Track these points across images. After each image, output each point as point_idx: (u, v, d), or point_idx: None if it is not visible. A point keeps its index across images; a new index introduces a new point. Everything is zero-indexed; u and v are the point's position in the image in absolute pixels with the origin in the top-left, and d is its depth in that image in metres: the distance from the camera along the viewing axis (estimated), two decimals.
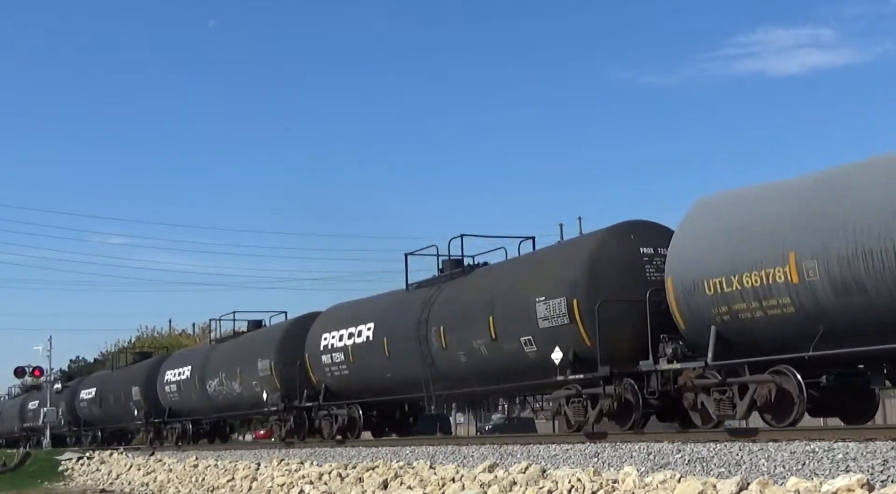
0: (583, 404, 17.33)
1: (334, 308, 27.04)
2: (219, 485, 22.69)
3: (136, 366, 41.91)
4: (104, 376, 46.88)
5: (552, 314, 17.47)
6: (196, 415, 34.94)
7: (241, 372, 29.63)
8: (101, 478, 31.21)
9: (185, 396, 34.28)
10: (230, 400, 30.97)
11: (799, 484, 10.15)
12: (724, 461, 12.29)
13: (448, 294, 21.14)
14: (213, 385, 31.63)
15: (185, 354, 37.71)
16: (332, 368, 24.94)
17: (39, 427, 50.91)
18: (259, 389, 28.36)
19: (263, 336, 30.32)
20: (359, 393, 24.50)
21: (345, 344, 24.32)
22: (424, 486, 15.63)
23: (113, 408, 41.61)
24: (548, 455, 15.40)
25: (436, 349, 20.73)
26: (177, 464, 27.74)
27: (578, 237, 18.50)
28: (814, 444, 11.87)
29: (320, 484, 18.59)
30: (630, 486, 12.08)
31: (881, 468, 10.34)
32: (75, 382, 51.53)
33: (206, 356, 33.49)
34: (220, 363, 31.67)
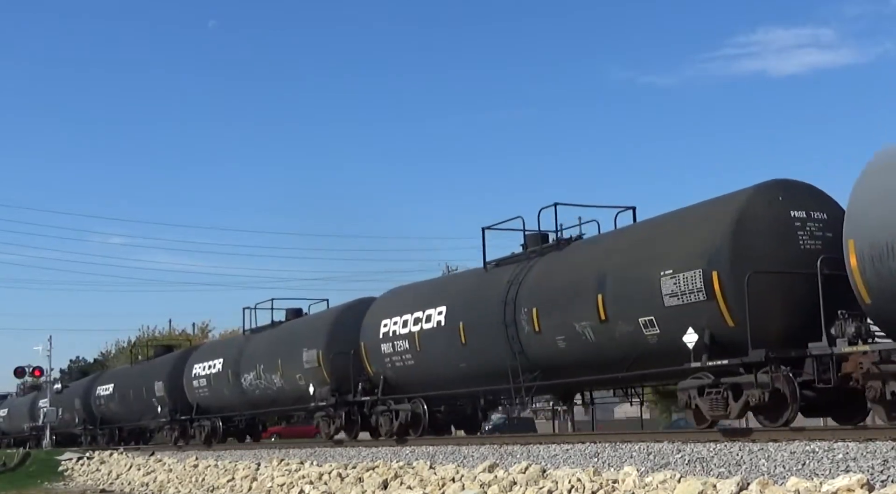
0: (723, 395, 14.71)
1: (395, 291, 24.58)
2: (219, 485, 22.69)
3: (158, 360, 38.75)
4: (123, 371, 44.00)
5: (683, 289, 15.06)
6: (228, 412, 32.07)
7: (282, 365, 26.97)
8: (101, 478, 31.20)
9: (216, 391, 31.64)
10: (269, 395, 28.35)
11: (799, 484, 10.16)
12: (724, 461, 12.30)
13: (541, 271, 18.62)
14: (249, 378, 29.05)
15: (216, 346, 35.11)
16: (393, 358, 22.37)
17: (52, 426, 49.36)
18: (304, 382, 25.77)
19: (309, 324, 27.49)
20: (425, 385, 21.84)
21: (410, 330, 21.72)
22: (424, 486, 15.63)
23: (133, 405, 38.80)
24: (548, 455, 15.41)
25: (526, 334, 18.30)
26: (177, 464, 27.74)
27: (715, 199, 15.78)
28: (814, 444, 11.87)
29: (320, 484, 18.59)
30: (630, 486, 12.09)
31: (881, 468, 10.35)
32: (91, 378, 48.72)
33: (240, 347, 30.68)
34: (257, 355, 28.95)
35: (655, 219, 17.41)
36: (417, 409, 21.92)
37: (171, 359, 36.64)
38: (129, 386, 39.46)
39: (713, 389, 14.81)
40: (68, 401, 47.01)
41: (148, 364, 39.89)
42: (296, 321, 29.20)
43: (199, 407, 33.18)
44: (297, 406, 27.58)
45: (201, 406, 33.11)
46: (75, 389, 47.86)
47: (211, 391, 31.91)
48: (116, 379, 42.40)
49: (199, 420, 33.40)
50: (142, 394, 37.42)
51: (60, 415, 47.97)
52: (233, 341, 32.80)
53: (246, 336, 31.21)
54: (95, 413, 43.64)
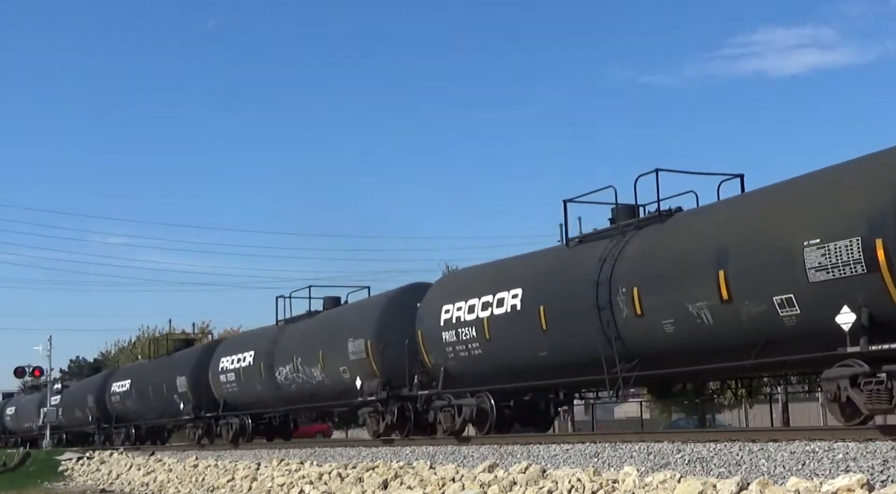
0: (886, 386, 12.63)
1: (456, 274, 22.78)
2: (219, 485, 22.68)
3: (180, 355, 36.29)
4: (140, 366, 41.56)
5: (835, 261, 12.84)
6: (258, 408, 29.79)
7: (323, 357, 24.85)
8: (101, 478, 31.21)
9: (247, 386, 29.44)
10: (307, 390, 26.22)
11: (799, 484, 10.15)
12: (724, 461, 12.30)
13: (642, 246, 16.46)
14: (284, 372, 26.91)
15: (246, 338, 32.43)
16: (456, 347, 20.05)
17: (61, 425, 47.80)
18: (349, 376, 23.71)
19: (355, 312, 25.29)
20: (494, 377, 19.65)
21: (477, 316, 19.51)
22: (424, 486, 15.63)
23: (153, 402, 36.69)
24: (548, 455, 15.41)
25: (625, 317, 16.14)
26: (177, 464, 27.74)
27: (875, 154, 13.55)
28: (814, 444, 11.87)
29: (320, 484, 18.59)
30: (630, 486, 12.09)
31: (881, 468, 10.34)
32: (104, 374, 46.15)
33: (273, 339, 28.43)
34: (293, 346, 26.79)
35: (792, 180, 14.90)
36: (483, 404, 19.72)
37: (195, 353, 34.64)
38: (147, 383, 37.39)
39: (871, 378, 12.72)
40: (80, 399, 45.15)
41: (168, 359, 37.43)
42: (338, 309, 27.13)
43: (227, 403, 31.14)
44: (340, 401, 25.36)
45: (229, 402, 31.07)
46: (88, 386, 45.79)
47: (240, 386, 29.93)
48: (133, 374, 40.26)
49: (226, 418, 31.29)
50: (162, 391, 35.41)
51: (60, 415, 47.25)
52: (265, 332, 30.23)
53: (280, 326, 28.83)
54: (110, 411, 41.60)
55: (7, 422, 58.94)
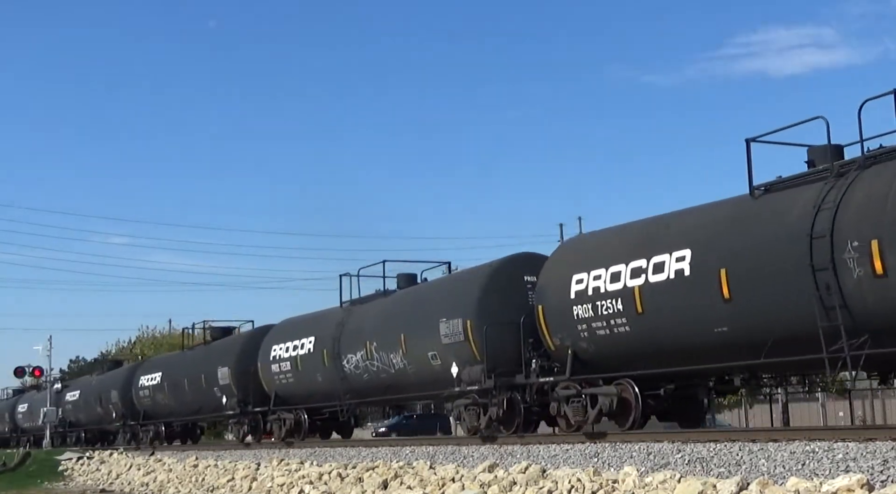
0: None
1: (582, 238, 19.44)
2: (219, 485, 22.68)
3: (220, 343, 32.73)
4: (172, 358, 37.57)
5: None
6: (318, 402, 26.29)
7: (406, 341, 21.62)
8: (101, 478, 31.20)
9: (305, 377, 26.13)
10: (383, 380, 22.87)
11: (799, 484, 10.16)
12: (724, 461, 12.29)
13: (873, 188, 13.08)
14: (355, 360, 23.63)
15: (304, 322, 27.89)
16: (593, 325, 16.73)
17: (79, 422, 45.01)
18: (440, 362, 20.42)
19: (447, 288, 21.94)
20: (644, 360, 16.22)
21: (625, 285, 16.02)
22: (424, 486, 15.63)
23: (188, 396, 33.13)
24: (548, 455, 15.40)
25: (856, 280, 12.78)
26: (177, 464, 27.73)
27: None
28: (814, 444, 11.87)
29: (320, 484, 18.59)
30: (630, 486, 12.09)
31: (881, 468, 10.34)
32: (131, 367, 42.12)
33: (339, 322, 24.87)
34: (365, 330, 23.57)
35: None
36: (627, 394, 16.42)
37: (239, 341, 31.07)
38: (182, 375, 33.74)
39: None
40: (103, 393, 41.45)
41: (206, 348, 33.46)
42: (423, 286, 23.68)
43: (279, 396, 27.60)
44: (427, 392, 22.09)
45: (282, 395, 27.53)
46: (112, 380, 42.02)
47: (297, 377, 26.50)
48: (165, 366, 36.45)
49: (277, 413, 27.70)
50: (200, 384, 31.83)
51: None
52: (328, 315, 26.41)
53: (346, 308, 25.35)
54: (137, 406, 37.83)
55: (18, 420, 56.12)
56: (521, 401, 18.83)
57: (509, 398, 18.92)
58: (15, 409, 57.21)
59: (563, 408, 17.73)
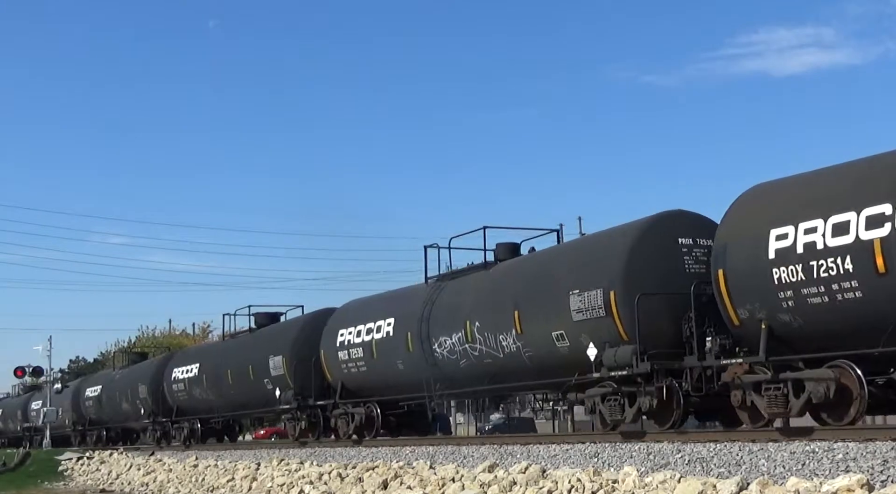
0: None
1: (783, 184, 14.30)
2: (219, 485, 22.69)
3: (267, 331, 29.42)
4: (211, 348, 34.40)
5: None
6: (399, 393, 22.88)
7: (521, 318, 18.02)
8: (101, 478, 31.22)
9: (382, 365, 22.70)
10: (486, 367, 19.43)
11: (799, 484, 10.16)
12: (724, 461, 12.29)
13: None
14: (448, 343, 20.33)
15: (379, 301, 24.43)
16: (804, 291, 13.29)
17: (101, 420, 42.03)
18: (567, 342, 16.99)
19: (571, 254, 18.74)
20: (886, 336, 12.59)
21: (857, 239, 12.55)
22: (424, 486, 15.63)
23: (231, 390, 29.86)
24: (548, 455, 15.40)
25: None
26: (177, 464, 27.72)
27: None
28: (814, 444, 11.87)
29: (320, 484, 18.60)
30: (630, 486, 12.09)
31: (881, 468, 10.34)
32: (163, 358, 38.35)
33: (426, 300, 21.37)
34: (462, 308, 20.11)
35: None
36: (849, 381, 13.14)
37: (294, 327, 27.45)
38: (224, 366, 30.39)
39: None
40: (129, 389, 38.08)
41: (253, 336, 30.08)
42: (541, 253, 19.79)
43: (347, 388, 24.27)
44: (544, 380, 18.41)
45: (350, 387, 24.20)
46: (140, 373, 38.30)
47: (371, 365, 23.12)
48: (203, 357, 33.02)
49: (343, 407, 24.36)
50: (247, 375, 28.61)
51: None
52: (410, 292, 23.25)
53: (433, 284, 21.97)
54: (170, 402, 34.43)
55: (33, 418, 52.42)
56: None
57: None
58: (28, 407, 54.28)
59: (751, 398, 14.51)
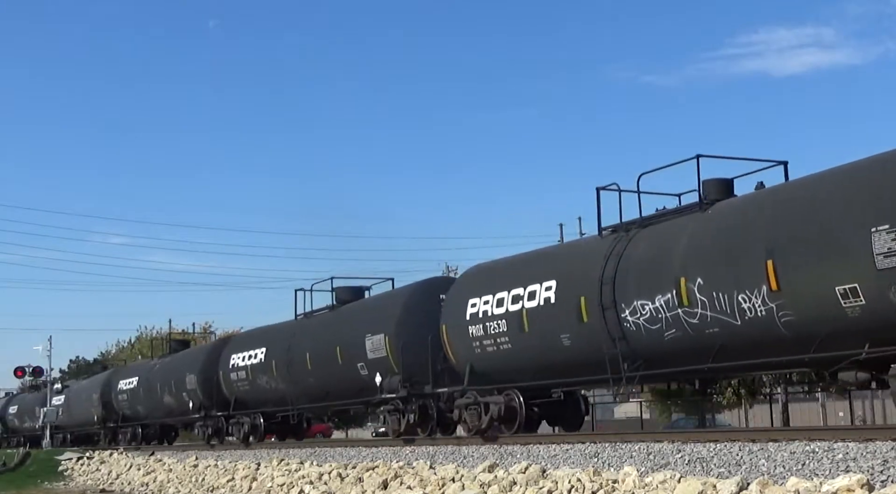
0: None
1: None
2: (219, 485, 22.68)
3: (354, 307, 24.66)
4: (277, 330, 28.15)
5: None
6: (563, 376, 17.77)
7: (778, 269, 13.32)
8: (101, 478, 31.20)
9: (538, 341, 17.67)
10: (706, 339, 14.50)
11: (799, 484, 10.15)
12: (724, 461, 12.29)
13: None
14: (650, 309, 15.28)
15: (531, 261, 19.18)
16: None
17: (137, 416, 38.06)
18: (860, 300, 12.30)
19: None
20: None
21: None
22: (424, 486, 15.63)
23: (312, 379, 25.03)
24: (548, 455, 15.40)
25: None
26: (177, 464, 27.71)
27: None
28: (814, 444, 11.87)
29: (320, 484, 18.59)
30: (630, 486, 12.09)
31: (881, 468, 10.34)
32: (214, 344, 33.40)
33: (605, 255, 16.35)
34: (672, 263, 15.09)
35: None
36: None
37: (398, 300, 22.60)
38: (299, 349, 25.72)
39: None
40: (176, 379, 33.41)
41: (332, 315, 25.34)
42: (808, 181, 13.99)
43: (477, 372, 19.46)
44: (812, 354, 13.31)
45: (482, 370, 19.38)
46: (187, 361, 33.43)
47: (520, 342, 18.13)
48: (270, 341, 27.66)
49: (473, 395, 19.57)
50: (332, 360, 23.80)
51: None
52: (576, 248, 19.30)
53: (614, 235, 16.99)
54: (227, 394, 29.88)
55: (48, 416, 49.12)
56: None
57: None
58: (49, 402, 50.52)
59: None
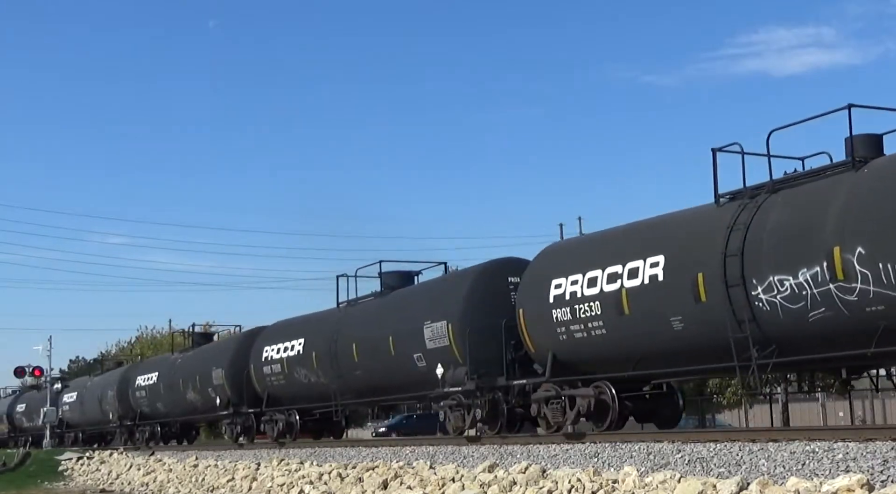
0: None
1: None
2: (219, 485, 22.68)
3: (405, 293, 22.83)
4: (315, 319, 25.91)
5: None
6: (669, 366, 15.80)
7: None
8: (101, 478, 31.19)
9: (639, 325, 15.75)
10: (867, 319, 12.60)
11: (799, 484, 10.16)
12: (724, 461, 12.29)
13: None
14: (791, 285, 13.38)
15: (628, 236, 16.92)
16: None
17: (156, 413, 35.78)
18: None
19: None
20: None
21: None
22: (424, 486, 15.63)
23: (359, 372, 23.01)
24: (548, 455, 15.40)
25: None
26: (177, 464, 27.71)
27: None
28: (814, 444, 11.87)
29: (320, 484, 18.60)
30: (630, 486, 12.09)
31: (881, 468, 10.34)
32: (242, 336, 30.94)
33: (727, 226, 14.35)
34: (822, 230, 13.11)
35: None
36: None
37: (461, 284, 20.35)
38: (342, 340, 23.39)
39: None
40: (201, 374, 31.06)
41: (380, 302, 23.23)
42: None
43: (560, 362, 17.53)
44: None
45: (565, 359, 17.53)
46: (211, 355, 31.54)
47: (615, 326, 16.23)
48: (308, 331, 25.38)
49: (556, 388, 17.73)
50: (382, 351, 21.95)
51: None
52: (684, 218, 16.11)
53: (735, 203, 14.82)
54: (259, 390, 28.04)
55: (65, 412, 46.07)
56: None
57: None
58: (59, 401, 46.97)
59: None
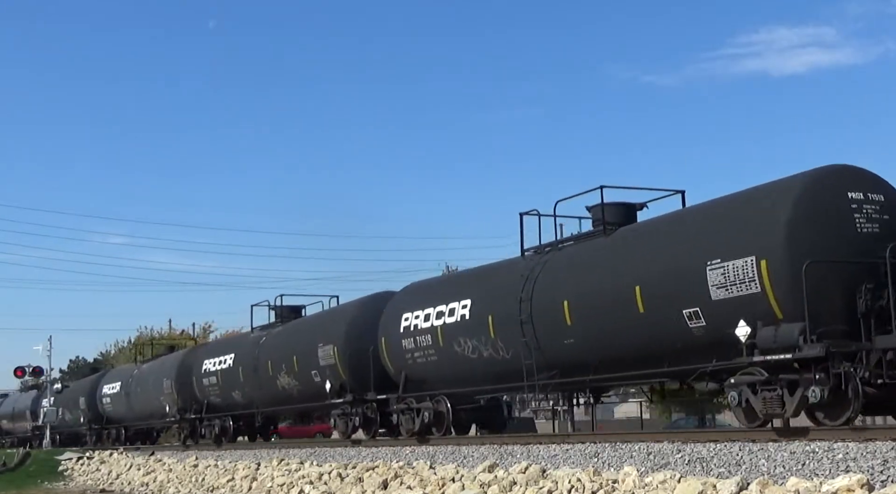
0: None
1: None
2: (219, 485, 22.67)
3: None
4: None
5: None
6: None
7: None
8: (101, 478, 31.19)
9: None
10: None
11: (799, 484, 10.15)
12: (724, 461, 12.29)
13: None
14: None
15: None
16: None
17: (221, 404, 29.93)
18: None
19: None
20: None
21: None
22: (424, 486, 15.62)
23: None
24: (548, 455, 15.39)
25: None
26: (177, 464, 27.70)
27: None
28: (814, 444, 11.86)
29: (320, 484, 18.59)
30: (630, 486, 12.09)
31: (881, 468, 10.34)
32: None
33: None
34: None
35: None
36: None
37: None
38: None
39: None
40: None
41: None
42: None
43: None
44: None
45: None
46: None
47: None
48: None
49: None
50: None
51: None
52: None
53: None
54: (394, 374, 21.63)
55: (105, 407, 42.09)
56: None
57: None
58: (97, 395, 42.78)
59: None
